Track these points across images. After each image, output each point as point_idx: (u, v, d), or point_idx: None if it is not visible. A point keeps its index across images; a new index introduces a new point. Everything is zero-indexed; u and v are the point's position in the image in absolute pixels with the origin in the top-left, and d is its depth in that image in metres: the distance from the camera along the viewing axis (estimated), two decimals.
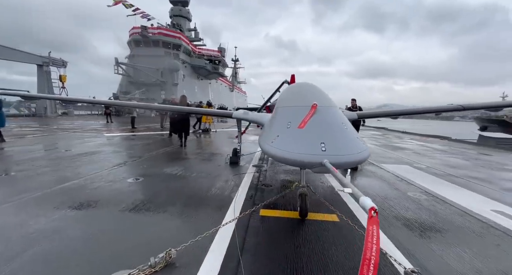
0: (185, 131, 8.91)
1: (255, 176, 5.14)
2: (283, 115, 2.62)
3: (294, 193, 4.04)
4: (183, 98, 9.13)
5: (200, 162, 6.37)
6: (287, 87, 3.82)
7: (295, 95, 2.92)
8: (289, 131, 2.24)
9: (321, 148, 1.89)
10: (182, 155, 7.42)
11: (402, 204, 3.69)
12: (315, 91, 2.85)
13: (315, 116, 2.21)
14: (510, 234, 2.81)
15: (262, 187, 4.43)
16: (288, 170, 5.67)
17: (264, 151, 2.47)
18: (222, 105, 36.69)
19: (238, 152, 6.34)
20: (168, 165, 5.96)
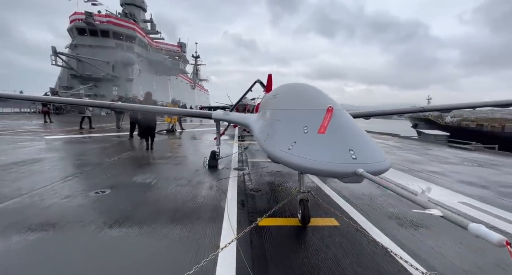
0: (151, 133, 8.09)
1: (240, 180, 4.86)
2: (292, 118, 2.42)
3: (293, 198, 3.91)
4: (148, 96, 8.24)
5: (174, 168, 5.79)
6: (280, 87, 3.62)
7: (299, 96, 2.74)
8: (308, 136, 2.04)
9: (351, 155, 1.75)
10: (151, 160, 6.67)
11: (388, 202, 3.85)
12: (320, 92, 2.72)
13: (333, 121, 2.07)
14: (478, 222, 3.15)
15: (251, 192, 4.18)
16: (272, 172, 5.52)
17: (278, 159, 2.23)
18: (183, 103, 35.01)
19: (217, 155, 5.95)
20: (137, 172, 5.26)
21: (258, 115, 4.19)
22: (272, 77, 7.35)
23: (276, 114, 2.80)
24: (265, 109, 3.65)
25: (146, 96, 8.23)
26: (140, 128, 8.12)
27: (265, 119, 3.26)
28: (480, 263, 2.28)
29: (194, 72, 71.74)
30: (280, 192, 4.26)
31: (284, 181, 4.92)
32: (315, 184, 4.71)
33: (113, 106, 5.81)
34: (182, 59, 54.73)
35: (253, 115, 4.66)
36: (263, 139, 2.70)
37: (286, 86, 3.41)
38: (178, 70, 52.00)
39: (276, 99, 3.24)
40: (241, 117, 5.26)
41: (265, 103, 4.07)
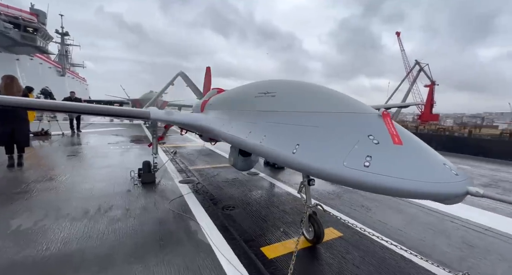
0: (21, 140, 5.30)
1: (199, 197, 3.87)
2: (339, 125, 1.94)
3: (278, 210, 3.42)
4: (9, 82, 5.25)
5: (87, 191, 3.92)
6: (269, 84, 2.99)
7: (322, 97, 2.28)
8: (382, 148, 1.65)
9: (451, 171, 1.51)
10: (32, 184, 4.26)
11: (359, 195, 4.12)
12: (341, 93, 2.38)
13: (398, 128, 1.79)
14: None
15: (225, 212, 3.36)
16: (229, 181, 4.78)
17: (340, 179, 1.68)
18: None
19: (154, 167, 4.52)
20: (17, 208, 3.15)
21: (230, 118, 3.39)
22: (210, 70, 6.45)
23: (300, 118, 2.23)
24: (249, 110, 2.97)
25: (6, 81, 5.21)
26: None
27: (270, 124, 2.54)
28: None
29: (63, 54, 55.35)
30: (256, 204, 3.68)
31: (250, 190, 4.35)
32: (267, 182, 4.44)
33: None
34: (42, 34, 40.50)
35: (218, 118, 3.75)
36: (287, 151, 2.07)
37: (281, 83, 2.85)
38: (34, 48, 38.10)
39: (276, 98, 2.63)
40: (195, 119, 4.16)
41: (240, 103, 3.33)
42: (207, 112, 4.55)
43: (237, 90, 3.84)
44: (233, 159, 3.96)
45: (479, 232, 2.97)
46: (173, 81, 8.44)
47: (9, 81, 5.19)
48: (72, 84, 56.53)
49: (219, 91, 5.00)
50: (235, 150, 3.93)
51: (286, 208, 3.57)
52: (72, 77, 58.73)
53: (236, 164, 3.93)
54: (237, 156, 3.91)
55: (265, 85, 2.99)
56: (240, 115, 3.16)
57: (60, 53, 55.78)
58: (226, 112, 3.66)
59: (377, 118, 1.82)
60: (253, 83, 3.48)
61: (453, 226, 3.11)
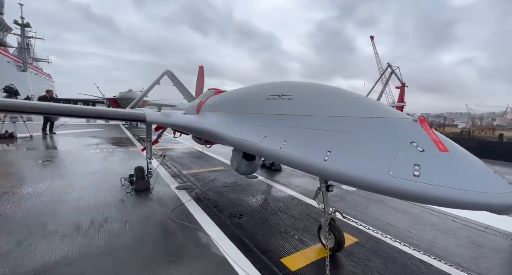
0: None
1: (201, 204, 3.64)
2: (375, 131, 1.87)
3: (287, 216, 3.29)
4: None
5: (78, 206, 3.50)
6: (285, 86, 2.86)
7: (346, 101, 2.21)
8: (430, 156, 1.60)
9: (504, 181, 1.49)
10: (6, 198, 3.71)
11: (360, 196, 4.16)
12: (367, 98, 2.32)
13: (437, 134, 1.76)
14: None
15: (233, 220, 3.19)
16: (228, 185, 4.59)
17: (387, 189, 1.59)
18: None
19: (149, 172, 4.17)
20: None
21: (236, 121, 3.20)
22: (203, 70, 6.17)
23: (327, 123, 2.13)
24: (260, 113, 2.83)
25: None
26: None
27: (290, 128, 2.39)
28: None
29: (24, 47, 50.62)
30: (263, 210, 3.55)
31: (252, 194, 4.19)
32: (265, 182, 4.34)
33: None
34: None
35: (222, 120, 3.53)
36: (316, 158, 1.97)
37: (296, 85, 2.73)
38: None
39: (294, 101, 2.52)
40: (194, 121, 3.90)
41: (248, 105, 3.16)
42: (205, 114, 4.32)
43: (241, 91, 3.67)
44: (237, 163, 3.79)
45: (480, 230, 3.12)
46: (159, 80, 8.00)
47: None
48: (36, 81, 51.90)
49: (216, 92, 4.77)
50: (239, 154, 3.76)
51: (294, 213, 3.48)
52: (35, 73, 53.92)
53: (239, 168, 3.77)
54: (241, 160, 3.75)
55: (277, 87, 2.86)
56: (249, 119, 3.00)
57: (21, 46, 50.93)
58: (231, 114, 3.48)
59: (413, 124, 1.78)
60: (260, 84, 3.34)
61: (456, 226, 3.23)
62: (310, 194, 4.28)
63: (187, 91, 7.83)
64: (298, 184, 4.90)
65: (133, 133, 11.98)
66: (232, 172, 5.62)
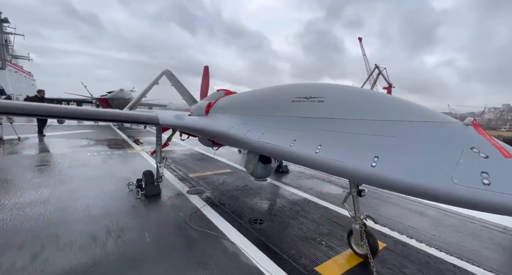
0: None
1: (217, 209, 3.50)
2: (428, 137, 1.81)
3: (308, 221, 3.21)
4: None
5: (88, 214, 3.27)
6: (316, 88, 2.76)
7: (385, 104, 2.15)
8: (497, 163, 1.55)
9: None
10: (8, 204, 3.43)
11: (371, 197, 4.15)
12: (404, 100, 2.27)
13: (497, 140, 1.73)
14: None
15: (255, 226, 3.08)
16: (239, 188, 4.46)
17: (454, 199, 1.52)
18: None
19: (159, 177, 3.98)
20: None
21: (256, 124, 3.10)
22: (208, 70, 6.01)
23: (368, 127, 2.06)
24: (285, 116, 2.74)
25: None
26: None
27: (325, 132, 2.30)
28: None
29: (2, 43, 48.15)
30: (282, 215, 3.46)
31: (267, 198, 4.09)
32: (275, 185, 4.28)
33: None
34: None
35: (239, 123, 3.40)
36: (361, 164, 1.90)
37: (326, 87, 2.65)
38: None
39: (326, 104, 2.44)
40: (209, 124, 3.74)
41: (270, 108, 3.05)
42: (216, 116, 4.18)
43: (259, 93, 3.56)
44: (253, 166, 3.69)
45: (500, 232, 3.17)
46: (158, 80, 7.76)
47: None
48: (15, 79, 49.50)
49: (226, 93, 4.64)
50: (255, 157, 3.66)
51: (314, 217, 3.42)
52: (14, 71, 51.41)
53: (255, 171, 3.67)
54: (257, 163, 3.65)
55: (303, 89, 2.78)
56: (272, 121, 2.90)
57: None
58: (249, 117, 3.37)
59: (466, 128, 1.74)
60: (282, 86, 3.25)
61: (475, 227, 3.27)
62: (324, 197, 4.24)
63: (186, 91, 7.62)
64: (309, 186, 4.85)
65: (127, 134, 11.58)
66: (240, 174, 5.52)
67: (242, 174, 5.56)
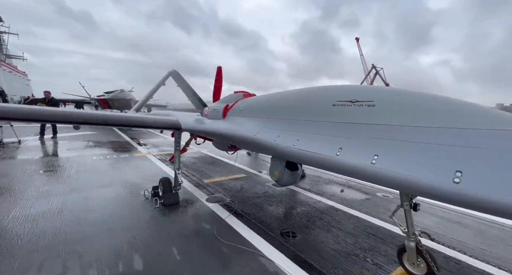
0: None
1: (243, 220, 3.26)
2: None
3: (343, 233, 2.96)
4: None
5: (105, 227, 3.01)
6: (370, 89, 2.53)
7: (455, 108, 1.92)
8: None
9: None
10: (16, 214, 3.15)
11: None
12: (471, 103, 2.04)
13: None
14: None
15: (288, 239, 2.84)
16: (261, 196, 4.22)
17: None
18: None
19: (178, 184, 3.73)
20: None
21: (289, 129, 2.88)
22: (222, 70, 5.78)
23: (444, 136, 1.80)
24: (326, 121, 2.51)
25: None
26: None
27: (382, 141, 2.05)
28: None
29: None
30: (313, 226, 3.22)
31: (292, 207, 3.85)
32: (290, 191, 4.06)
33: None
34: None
35: (268, 128, 3.17)
36: (439, 179, 1.66)
37: (375, 90, 2.41)
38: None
39: (378, 109, 2.21)
40: (232, 129, 3.49)
41: (305, 112, 2.81)
42: (236, 119, 3.95)
43: (288, 96, 3.33)
44: (279, 173, 3.46)
45: None
46: (165, 80, 7.50)
47: None
48: (10, 79, 48.66)
49: (245, 95, 4.41)
50: (281, 163, 3.44)
51: (348, 229, 3.20)
52: (9, 71, 50.57)
53: (281, 178, 3.44)
54: (284, 170, 3.43)
55: (346, 92, 2.54)
56: (309, 127, 2.67)
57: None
58: (277, 122, 3.14)
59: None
60: (317, 88, 3.02)
61: None
62: (351, 204, 4.03)
63: (193, 92, 7.38)
64: (331, 192, 4.64)
65: (130, 136, 11.26)
66: (255, 179, 5.28)
67: (257, 179, 5.34)
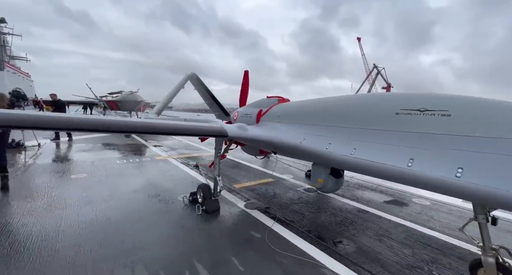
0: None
1: (290, 228, 3.18)
2: None
3: (395, 243, 2.82)
4: None
5: (152, 238, 2.94)
6: (440, 97, 2.39)
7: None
8: None
9: None
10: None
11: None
12: None
13: None
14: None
15: (347, 251, 2.75)
16: (295, 201, 4.13)
17: None
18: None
19: (219, 191, 3.65)
20: None
21: (342, 137, 2.78)
22: (248, 74, 5.69)
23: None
24: (389, 130, 2.40)
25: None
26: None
27: (463, 152, 1.91)
28: None
29: (1, 44, 47.51)
30: (361, 234, 3.12)
31: (333, 214, 3.75)
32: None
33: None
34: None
35: (316, 135, 3.06)
36: None
37: (455, 100, 2.26)
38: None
39: (454, 118, 2.09)
40: (275, 136, 3.38)
41: (362, 120, 2.70)
42: (275, 125, 3.86)
43: (338, 103, 3.21)
44: (323, 180, 3.37)
45: None
46: (184, 84, 7.40)
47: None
48: (14, 80, 48.77)
49: (280, 101, 4.33)
50: (325, 170, 3.35)
51: (400, 238, 3.09)
52: (12, 72, 50.68)
53: (325, 186, 3.36)
54: (328, 177, 3.34)
55: (410, 100, 2.42)
56: (368, 136, 2.57)
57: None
58: (327, 128, 3.05)
59: None
60: (369, 95, 2.93)
61: None
62: (392, 211, 3.93)
63: (212, 96, 7.30)
64: (365, 198, 4.55)
65: (143, 138, 11.19)
66: (283, 183, 5.20)
67: (284, 183, 5.27)
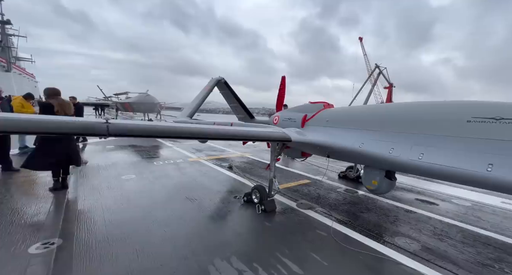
0: (75, 158, 4.30)
1: (351, 227, 3.32)
2: None
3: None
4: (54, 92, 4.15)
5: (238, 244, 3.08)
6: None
7: None
8: None
9: None
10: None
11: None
12: None
13: None
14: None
15: (413, 247, 2.88)
16: (341, 202, 4.26)
17: None
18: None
19: (275, 191, 3.83)
20: None
21: (405, 142, 2.95)
22: (285, 80, 5.85)
23: None
24: (458, 136, 2.57)
25: (51, 92, 4.12)
26: (49, 155, 3.86)
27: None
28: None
29: (8, 46, 47.84)
30: (420, 234, 3.23)
31: (384, 214, 3.86)
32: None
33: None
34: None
35: (377, 140, 3.23)
36: None
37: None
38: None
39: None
40: (329, 140, 3.57)
41: (429, 126, 2.86)
42: (326, 130, 4.03)
43: (398, 109, 3.39)
44: (377, 182, 3.53)
45: None
46: (213, 88, 7.56)
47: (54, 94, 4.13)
48: (20, 82, 49.16)
49: (326, 106, 4.51)
50: (380, 172, 3.51)
51: (457, 237, 3.20)
52: (18, 73, 51.04)
53: (379, 187, 3.53)
54: (383, 179, 3.50)
55: (482, 108, 2.58)
56: (436, 141, 2.73)
57: (4, 45, 48.16)
58: (387, 134, 3.22)
59: None
60: (434, 103, 3.09)
61: None
62: (438, 212, 4.08)
63: (238, 100, 7.48)
64: (406, 198, 4.69)
65: (163, 139, 11.36)
66: (320, 184, 5.33)
67: (322, 184, 5.40)
